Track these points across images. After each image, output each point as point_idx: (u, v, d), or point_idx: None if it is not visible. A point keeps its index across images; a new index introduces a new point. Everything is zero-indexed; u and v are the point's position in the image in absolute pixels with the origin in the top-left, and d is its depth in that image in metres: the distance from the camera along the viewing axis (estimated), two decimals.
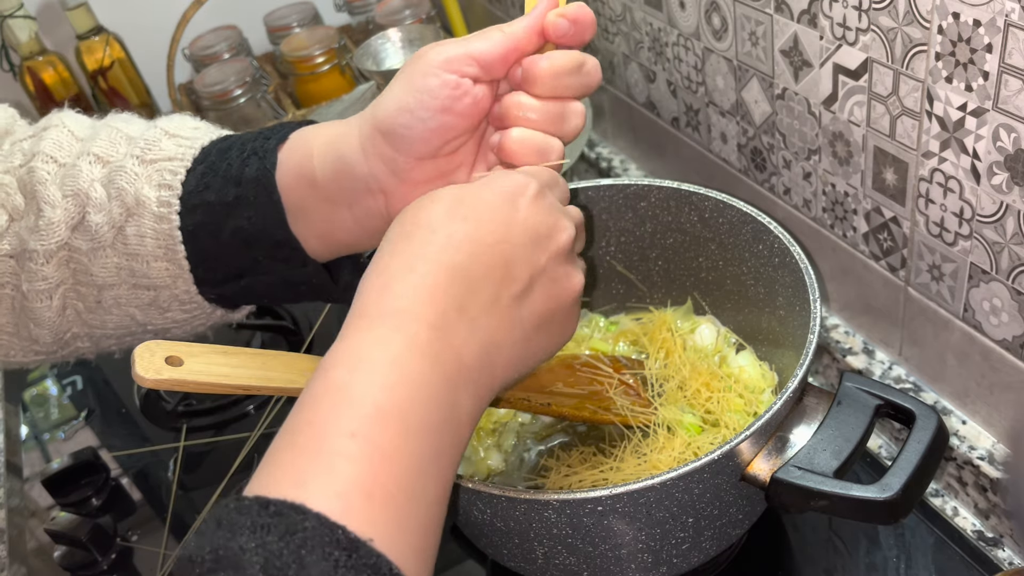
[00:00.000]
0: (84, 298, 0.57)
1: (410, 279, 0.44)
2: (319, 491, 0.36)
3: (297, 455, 0.37)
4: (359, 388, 0.39)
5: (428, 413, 0.40)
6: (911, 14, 0.59)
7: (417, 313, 0.43)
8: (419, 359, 0.41)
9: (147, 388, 0.51)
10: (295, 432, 0.39)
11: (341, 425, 0.38)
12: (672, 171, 0.99)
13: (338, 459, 0.37)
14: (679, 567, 0.62)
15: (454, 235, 0.45)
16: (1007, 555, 0.68)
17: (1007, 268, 0.61)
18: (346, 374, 0.40)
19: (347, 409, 0.39)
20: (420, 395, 0.40)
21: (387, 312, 0.43)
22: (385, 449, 0.38)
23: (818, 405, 0.59)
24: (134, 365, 0.49)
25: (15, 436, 0.99)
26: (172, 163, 0.55)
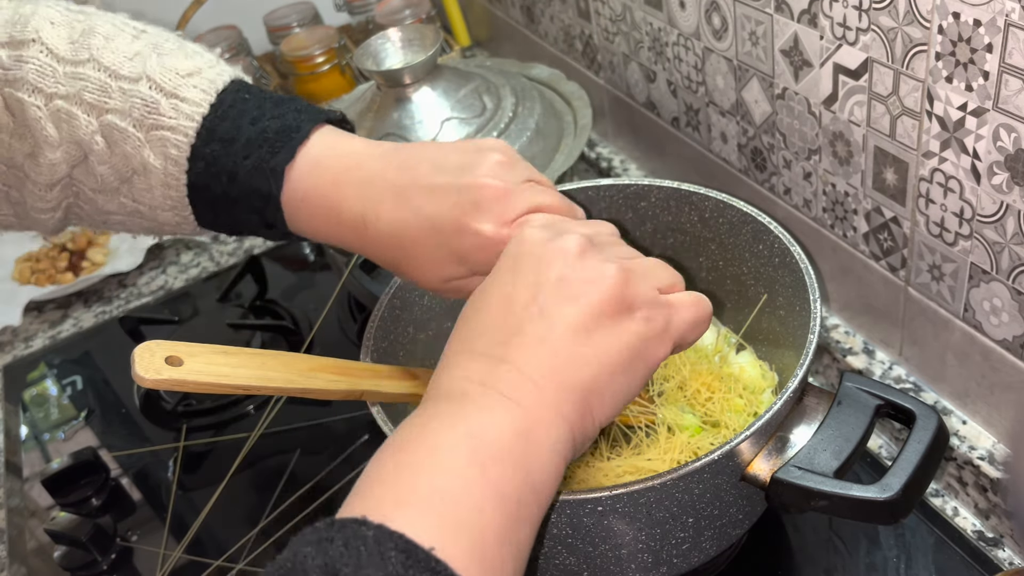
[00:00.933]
0: (84, 210, 0.61)
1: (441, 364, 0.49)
2: (362, 510, 0.39)
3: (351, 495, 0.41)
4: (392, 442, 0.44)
5: (449, 433, 0.43)
6: (911, 14, 0.59)
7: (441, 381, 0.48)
8: (438, 404, 0.46)
9: (147, 388, 0.51)
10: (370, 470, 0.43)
11: (375, 466, 0.43)
12: (672, 171, 0.99)
13: (373, 486, 0.41)
14: (679, 567, 0.62)
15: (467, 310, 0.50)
16: (1007, 555, 0.68)
17: (1007, 268, 0.61)
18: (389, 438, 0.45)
19: (380, 457, 0.44)
20: (440, 424, 0.44)
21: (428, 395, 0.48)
22: (408, 467, 0.42)
23: (818, 405, 0.59)
24: (134, 365, 0.49)
25: (15, 436, 0.99)
26: (175, 135, 0.56)
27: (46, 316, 1.14)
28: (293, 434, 0.90)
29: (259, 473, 0.87)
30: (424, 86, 0.89)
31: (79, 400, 1.01)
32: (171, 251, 1.19)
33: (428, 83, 0.89)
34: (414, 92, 0.89)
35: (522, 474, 0.43)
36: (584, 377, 0.46)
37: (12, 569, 0.84)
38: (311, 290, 1.09)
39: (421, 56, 0.88)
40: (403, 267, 0.58)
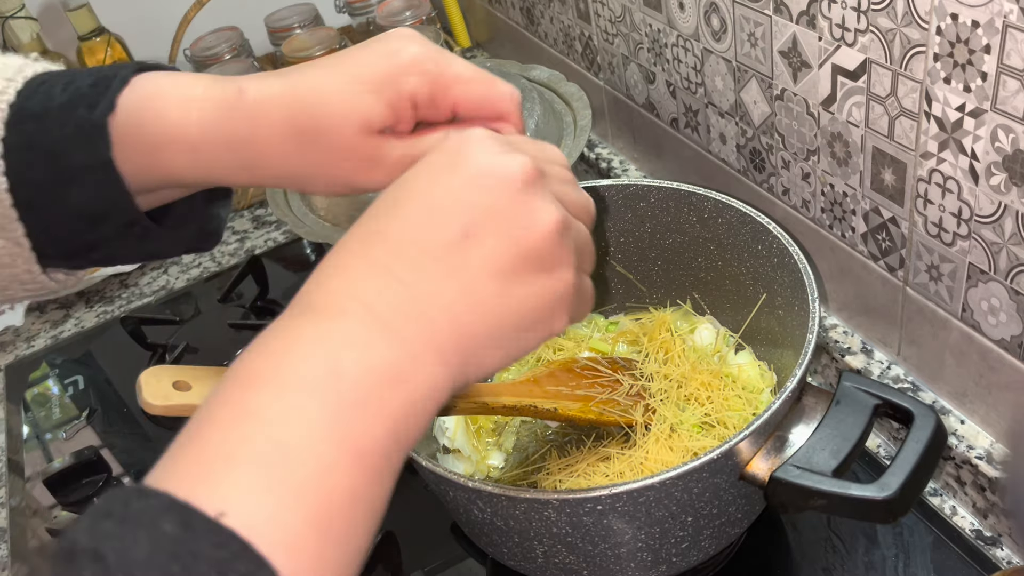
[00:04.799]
0: None
1: (326, 261, 0.42)
2: (186, 465, 0.34)
3: (180, 436, 0.35)
4: (242, 364, 0.37)
5: (305, 366, 0.36)
6: (910, 15, 0.59)
7: (318, 286, 0.41)
8: (305, 319, 0.39)
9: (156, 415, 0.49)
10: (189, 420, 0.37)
11: (215, 399, 0.36)
12: (671, 171, 0.99)
13: (205, 427, 0.35)
14: (678, 566, 0.62)
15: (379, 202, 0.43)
16: (1005, 554, 0.68)
17: (1005, 268, 0.61)
18: (236, 359, 0.38)
19: (224, 384, 0.37)
20: (297, 351, 0.37)
21: (299, 299, 0.41)
22: (249, 407, 0.35)
23: (817, 404, 0.60)
24: (140, 392, 0.49)
25: (17, 435, 0.99)
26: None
27: (48, 316, 1.14)
28: None
29: None
30: None
31: (81, 400, 1.01)
32: None
33: None
34: None
35: (389, 425, 0.37)
36: (486, 326, 0.41)
37: (14, 568, 0.85)
38: None
39: None
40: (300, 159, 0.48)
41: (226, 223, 0.56)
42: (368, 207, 0.43)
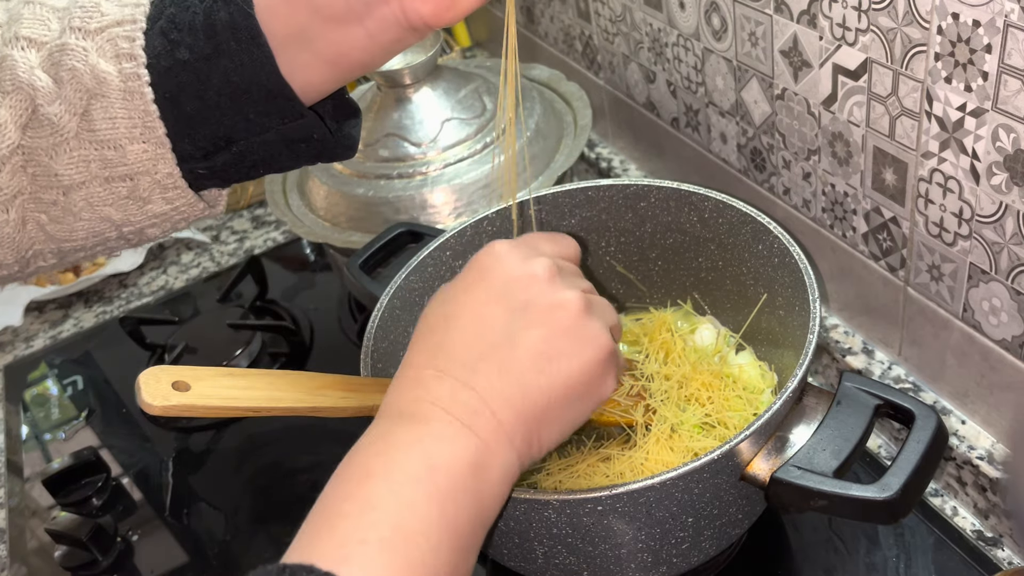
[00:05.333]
0: (47, 207, 0.51)
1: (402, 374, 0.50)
2: (323, 548, 0.41)
3: (310, 525, 0.43)
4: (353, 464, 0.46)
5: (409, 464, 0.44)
6: (910, 14, 0.59)
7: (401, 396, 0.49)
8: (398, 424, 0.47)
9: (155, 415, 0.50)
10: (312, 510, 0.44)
11: (337, 494, 0.44)
12: (672, 171, 0.99)
13: (335, 519, 0.42)
14: (679, 567, 0.62)
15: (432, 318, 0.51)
16: (1006, 555, 0.68)
17: (1006, 268, 0.61)
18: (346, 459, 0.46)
19: (342, 481, 0.45)
20: (400, 451, 0.45)
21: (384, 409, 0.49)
22: (371, 501, 0.43)
23: (818, 405, 0.59)
24: (140, 393, 0.49)
25: (16, 436, 0.99)
26: (123, 28, 0.48)
27: (47, 316, 1.14)
28: (295, 433, 0.90)
29: (260, 472, 0.88)
30: (424, 87, 0.90)
31: (80, 400, 1.01)
32: (172, 251, 1.20)
33: (428, 84, 0.90)
34: (414, 93, 0.89)
35: (476, 507, 0.45)
36: (539, 408, 0.49)
37: (13, 569, 0.85)
38: (311, 290, 1.09)
39: (421, 57, 0.88)
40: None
41: (358, 141, 0.57)
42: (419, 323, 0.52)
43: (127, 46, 0.47)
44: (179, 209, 0.52)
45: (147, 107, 0.48)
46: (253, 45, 0.48)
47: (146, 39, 0.48)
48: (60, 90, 0.48)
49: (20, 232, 0.51)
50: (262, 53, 0.48)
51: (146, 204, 0.51)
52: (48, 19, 0.49)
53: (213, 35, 0.47)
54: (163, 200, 0.51)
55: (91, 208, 0.51)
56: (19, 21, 0.50)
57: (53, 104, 0.48)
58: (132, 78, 0.47)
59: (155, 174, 0.50)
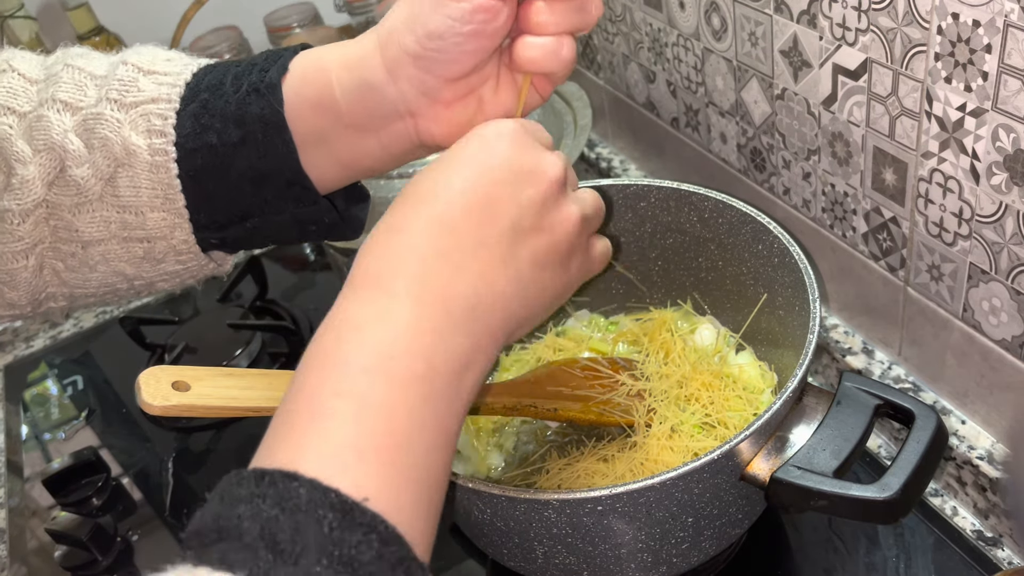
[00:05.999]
0: (65, 257, 0.53)
1: (391, 241, 0.45)
2: (311, 455, 0.37)
3: (291, 423, 0.39)
4: (344, 349, 0.41)
5: (412, 361, 0.41)
6: (910, 14, 0.59)
7: (397, 270, 0.44)
8: (400, 310, 0.42)
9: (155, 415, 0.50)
10: (290, 401, 0.40)
11: (328, 387, 0.39)
12: (672, 171, 0.99)
13: (327, 421, 0.38)
14: (679, 567, 0.62)
15: (432, 189, 0.46)
16: (1006, 555, 0.68)
17: (1006, 268, 0.61)
18: (333, 339, 0.41)
19: (333, 371, 0.40)
20: (400, 345, 0.41)
21: (371, 275, 0.44)
22: (370, 403, 0.39)
23: (818, 405, 0.59)
24: (140, 393, 0.49)
25: (16, 436, 0.99)
26: (157, 105, 0.51)
27: None
28: None
29: None
30: None
31: (80, 400, 1.01)
32: None
33: None
34: None
35: (462, 404, 0.43)
36: (527, 309, 0.47)
37: (13, 569, 0.85)
38: (311, 290, 1.09)
39: None
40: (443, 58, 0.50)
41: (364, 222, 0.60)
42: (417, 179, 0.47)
43: (159, 123, 0.50)
44: (189, 269, 0.55)
45: (171, 181, 0.51)
46: (279, 139, 0.51)
47: (178, 119, 0.51)
48: (90, 155, 0.51)
49: (37, 277, 0.54)
50: (286, 147, 0.51)
51: (159, 264, 0.54)
52: (86, 85, 0.52)
53: (243, 125, 0.50)
54: (176, 261, 0.54)
55: (107, 263, 0.54)
56: (57, 84, 0.52)
57: (82, 167, 0.51)
58: (160, 153, 0.50)
59: (171, 240, 0.53)
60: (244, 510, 0.34)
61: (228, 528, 0.34)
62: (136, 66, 0.52)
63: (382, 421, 0.39)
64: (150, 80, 0.52)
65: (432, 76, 0.50)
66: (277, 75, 0.51)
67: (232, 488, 0.36)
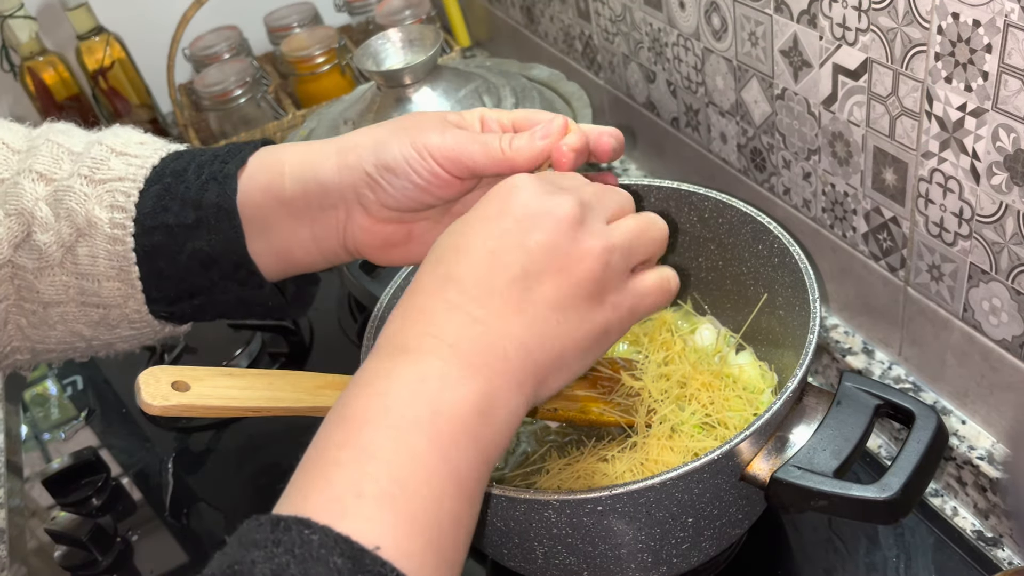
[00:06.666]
0: (28, 314, 0.57)
1: (404, 304, 0.46)
2: (317, 501, 0.38)
3: (303, 473, 0.41)
4: (351, 404, 0.42)
5: (412, 408, 0.41)
6: (911, 14, 0.59)
7: (406, 329, 0.45)
8: (405, 362, 0.43)
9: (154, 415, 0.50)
10: (304, 458, 0.42)
11: (333, 440, 0.41)
12: (672, 171, 0.99)
13: (331, 468, 0.40)
14: (679, 567, 0.62)
15: (444, 247, 0.47)
16: (1007, 555, 0.68)
17: (1007, 268, 0.61)
18: (343, 399, 0.43)
19: (339, 425, 0.42)
20: (402, 394, 0.42)
21: (384, 340, 0.45)
22: (369, 449, 0.40)
23: (818, 405, 0.59)
24: (139, 393, 0.49)
25: (15, 436, 0.99)
26: (123, 184, 0.55)
27: None
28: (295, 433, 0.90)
29: (260, 471, 0.88)
30: (424, 86, 0.89)
31: (79, 400, 1.01)
32: None
33: (428, 83, 0.90)
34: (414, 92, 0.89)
35: (480, 453, 0.42)
36: (550, 355, 0.46)
37: (13, 569, 0.85)
38: None
39: (421, 56, 0.88)
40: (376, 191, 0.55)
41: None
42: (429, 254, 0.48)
43: (123, 199, 0.55)
44: (144, 334, 0.60)
45: (127, 253, 0.55)
46: (229, 225, 0.55)
47: (140, 198, 0.55)
48: (56, 223, 0.55)
49: (2, 331, 0.58)
50: (235, 232, 0.55)
51: (114, 328, 0.58)
52: (62, 159, 0.56)
53: (198, 209, 0.55)
54: (130, 327, 0.59)
55: (65, 323, 0.58)
56: (36, 155, 0.56)
57: (46, 234, 0.55)
58: (119, 227, 0.55)
59: (124, 308, 0.57)
60: (258, 555, 0.36)
61: (242, 572, 0.35)
62: (110, 147, 0.57)
63: (380, 464, 0.39)
64: (121, 160, 0.56)
65: (375, 197, 0.54)
66: (235, 167, 0.55)
67: (249, 532, 0.37)
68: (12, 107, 1.32)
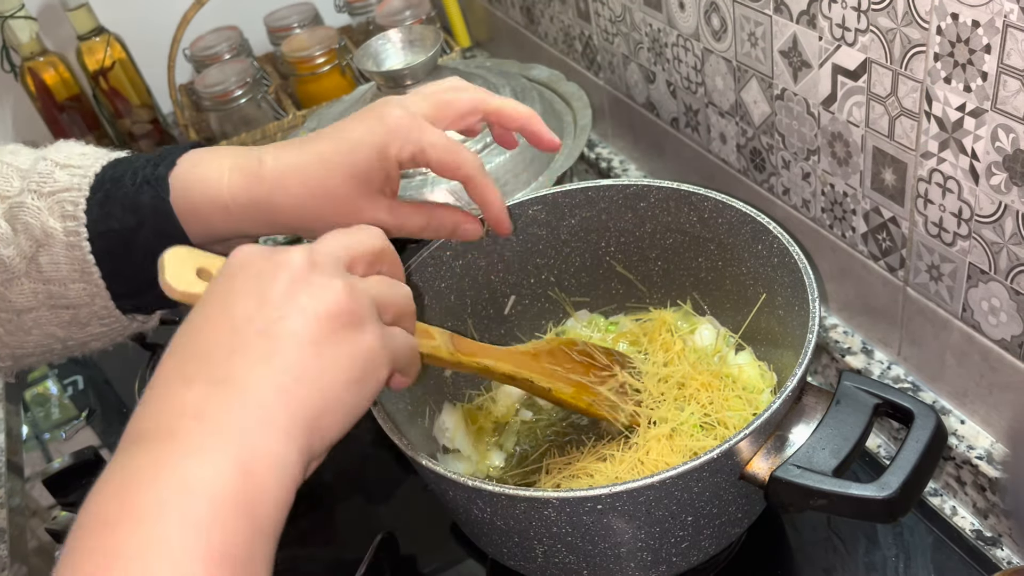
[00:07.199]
0: (4, 322, 0.61)
1: (145, 398, 0.43)
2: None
3: None
4: (88, 510, 0.38)
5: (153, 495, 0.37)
6: (910, 15, 0.59)
7: (144, 418, 0.41)
8: (136, 448, 0.40)
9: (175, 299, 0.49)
10: None
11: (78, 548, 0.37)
12: (672, 171, 0.99)
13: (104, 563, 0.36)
14: (678, 566, 0.62)
15: (176, 337, 0.44)
16: (1005, 554, 0.68)
17: (1005, 268, 0.61)
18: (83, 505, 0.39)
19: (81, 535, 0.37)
20: (140, 487, 0.38)
21: (128, 435, 0.41)
22: (116, 551, 0.36)
23: (817, 404, 0.59)
24: (163, 272, 0.46)
25: (16, 436, 0.99)
26: (70, 194, 0.59)
27: None
28: None
29: None
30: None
31: (80, 400, 1.01)
32: None
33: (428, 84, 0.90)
34: None
35: (249, 522, 0.38)
36: (315, 396, 0.43)
37: (13, 568, 0.85)
38: None
39: (421, 57, 0.88)
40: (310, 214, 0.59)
41: None
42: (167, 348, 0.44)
43: (72, 209, 0.58)
44: (115, 329, 0.63)
45: (85, 257, 0.58)
46: (168, 223, 0.59)
47: (87, 205, 0.59)
48: (15, 237, 0.59)
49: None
50: (176, 229, 0.59)
51: (86, 327, 0.62)
52: (12, 177, 0.60)
53: (137, 211, 0.59)
54: (100, 324, 0.62)
55: (39, 327, 0.61)
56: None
57: (8, 248, 0.59)
58: (73, 234, 0.58)
59: (93, 306, 0.60)
60: None
61: None
62: (55, 161, 0.60)
63: (123, 570, 0.35)
64: (65, 172, 0.59)
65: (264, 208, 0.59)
66: (165, 170, 0.59)
67: None
68: (13, 108, 1.32)
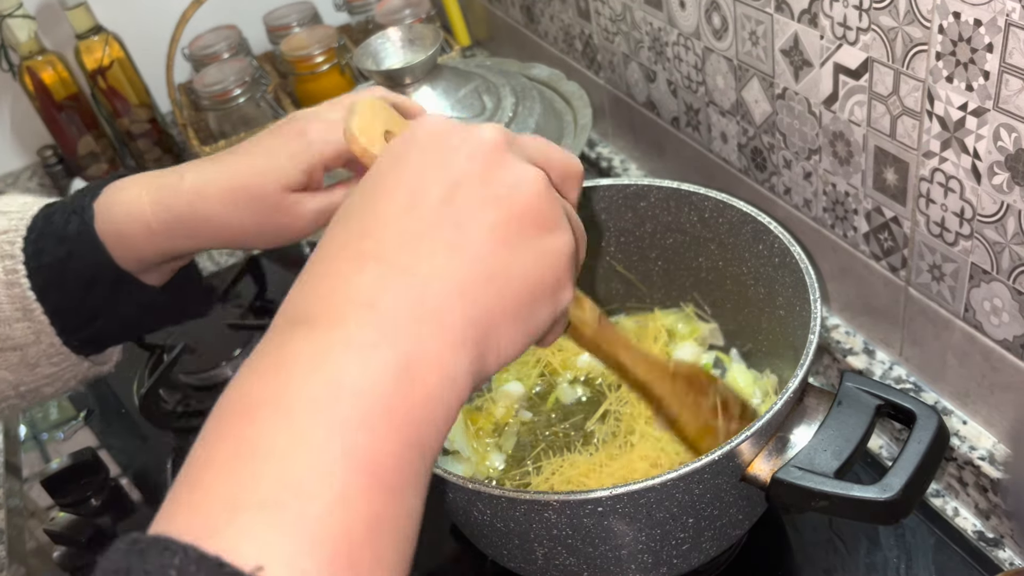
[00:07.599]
0: None
1: (305, 274, 0.38)
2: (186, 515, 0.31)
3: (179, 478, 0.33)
4: (230, 394, 0.35)
5: (305, 388, 0.33)
6: (912, 13, 0.59)
7: (306, 296, 0.37)
8: (296, 334, 0.35)
9: None
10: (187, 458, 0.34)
11: (214, 435, 0.34)
12: (672, 171, 0.99)
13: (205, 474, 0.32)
14: (679, 567, 0.62)
15: (346, 207, 0.40)
16: (1008, 555, 0.67)
17: (1008, 268, 0.61)
18: (225, 389, 0.35)
19: (217, 418, 0.34)
20: (293, 372, 0.34)
21: (285, 314, 0.38)
22: (250, 444, 0.32)
23: (819, 405, 0.59)
24: (351, 118, 0.43)
25: (14, 436, 0.99)
26: (7, 235, 0.60)
27: None
28: None
29: None
30: (424, 86, 0.89)
31: (78, 400, 1.01)
32: None
33: (428, 83, 0.89)
34: (414, 92, 0.89)
35: (403, 433, 0.34)
36: (502, 298, 0.38)
37: (11, 569, 0.84)
38: None
39: (421, 56, 0.88)
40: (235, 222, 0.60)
41: (214, 299, 0.71)
42: (333, 218, 0.40)
43: (8, 248, 0.59)
44: (66, 370, 0.63)
45: (25, 294, 0.59)
46: (94, 248, 0.60)
47: (24, 244, 0.60)
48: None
49: None
50: (102, 254, 0.60)
51: (35, 368, 0.62)
52: None
53: (65, 242, 0.60)
54: (50, 364, 0.62)
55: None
56: None
57: None
58: (12, 272, 0.59)
59: (40, 344, 0.61)
60: None
61: None
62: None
63: (269, 465, 0.31)
64: (3, 218, 0.61)
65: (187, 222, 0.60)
66: (90, 199, 0.60)
67: (107, 558, 0.30)
68: (11, 107, 1.32)
